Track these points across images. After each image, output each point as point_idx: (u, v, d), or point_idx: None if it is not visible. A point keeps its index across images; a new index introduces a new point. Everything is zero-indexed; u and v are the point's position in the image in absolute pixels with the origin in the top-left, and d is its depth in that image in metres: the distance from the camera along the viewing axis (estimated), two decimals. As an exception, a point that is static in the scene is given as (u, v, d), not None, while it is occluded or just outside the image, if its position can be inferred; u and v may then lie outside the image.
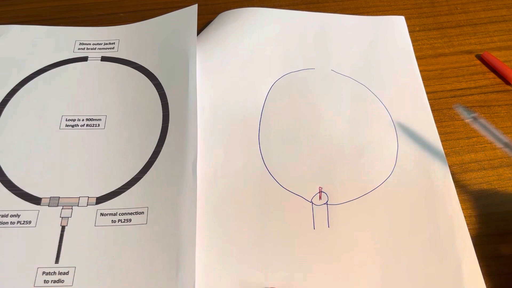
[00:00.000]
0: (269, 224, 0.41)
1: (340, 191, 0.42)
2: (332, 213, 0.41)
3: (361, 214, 0.41)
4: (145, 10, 0.56)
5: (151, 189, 0.42)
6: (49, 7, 0.57)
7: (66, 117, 0.46)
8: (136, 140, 0.45)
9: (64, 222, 0.40)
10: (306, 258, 0.39)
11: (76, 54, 0.51)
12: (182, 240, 0.38)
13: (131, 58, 0.51)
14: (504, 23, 0.55)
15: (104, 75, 0.49)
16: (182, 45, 0.50)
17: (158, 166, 0.43)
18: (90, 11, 0.56)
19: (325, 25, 0.54)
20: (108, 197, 0.42)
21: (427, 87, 0.49)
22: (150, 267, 0.38)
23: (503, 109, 0.48)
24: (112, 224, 0.40)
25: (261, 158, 0.44)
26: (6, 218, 0.40)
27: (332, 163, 0.44)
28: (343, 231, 0.40)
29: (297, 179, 0.43)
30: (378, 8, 0.57)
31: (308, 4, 0.57)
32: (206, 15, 0.55)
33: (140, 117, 0.46)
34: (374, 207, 0.41)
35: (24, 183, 0.42)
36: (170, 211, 0.40)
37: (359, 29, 0.54)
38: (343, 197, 0.42)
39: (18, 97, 0.47)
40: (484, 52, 0.51)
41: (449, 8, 0.57)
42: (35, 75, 0.49)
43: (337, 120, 0.46)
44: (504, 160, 0.45)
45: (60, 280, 0.37)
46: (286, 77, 0.49)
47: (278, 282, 0.38)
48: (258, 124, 0.46)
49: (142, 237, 0.39)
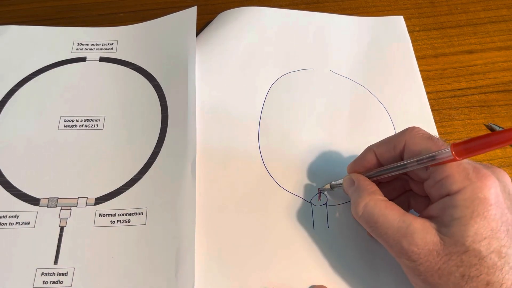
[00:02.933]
0: (269, 224, 0.40)
1: (340, 191, 0.42)
2: (331, 213, 0.41)
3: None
4: (145, 10, 0.56)
5: (150, 190, 0.42)
6: (49, 7, 0.57)
7: (64, 117, 0.46)
8: (135, 140, 0.45)
9: (63, 223, 0.40)
10: (306, 258, 0.39)
11: (75, 54, 0.51)
12: (181, 240, 0.38)
13: (129, 59, 0.51)
14: (504, 23, 0.55)
15: (102, 75, 0.49)
16: (182, 46, 0.50)
17: (157, 166, 0.43)
18: (90, 11, 0.56)
19: (324, 25, 0.54)
20: (107, 198, 0.41)
21: (427, 87, 0.49)
22: (149, 268, 0.38)
23: (503, 109, 0.48)
24: (111, 225, 0.40)
25: (261, 158, 0.44)
26: (5, 219, 0.40)
27: (331, 163, 0.44)
28: (343, 232, 0.40)
29: (296, 180, 0.43)
30: (378, 8, 0.56)
31: (308, 4, 0.57)
32: (206, 15, 0.55)
33: (139, 117, 0.46)
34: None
35: (22, 184, 0.42)
36: (169, 212, 0.40)
37: (358, 29, 0.54)
38: (343, 198, 0.42)
39: (17, 97, 0.47)
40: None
41: (449, 8, 0.57)
42: (34, 76, 0.49)
43: (336, 121, 0.46)
44: (504, 160, 0.45)
45: (59, 281, 0.37)
46: (285, 77, 0.49)
47: (278, 283, 0.38)
48: (258, 124, 0.46)
49: (141, 237, 0.39)
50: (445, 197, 0.31)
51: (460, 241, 0.30)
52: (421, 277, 0.32)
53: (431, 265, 0.31)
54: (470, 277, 0.30)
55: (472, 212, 0.30)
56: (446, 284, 0.30)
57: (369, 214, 0.34)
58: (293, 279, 0.38)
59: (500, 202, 0.30)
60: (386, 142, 0.36)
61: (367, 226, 0.34)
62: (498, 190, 0.30)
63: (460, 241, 0.30)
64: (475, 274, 0.29)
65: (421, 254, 0.31)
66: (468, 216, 0.30)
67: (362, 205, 0.34)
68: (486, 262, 0.29)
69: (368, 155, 0.38)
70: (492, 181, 0.30)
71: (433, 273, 0.31)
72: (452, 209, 0.30)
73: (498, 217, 0.30)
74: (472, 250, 0.29)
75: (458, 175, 0.31)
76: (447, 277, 0.30)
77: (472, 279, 0.30)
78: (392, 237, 0.32)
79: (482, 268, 0.29)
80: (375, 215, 0.33)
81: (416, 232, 0.31)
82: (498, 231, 0.30)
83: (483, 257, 0.29)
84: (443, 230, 0.31)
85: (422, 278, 0.31)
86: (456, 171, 0.31)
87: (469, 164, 0.31)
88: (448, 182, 0.31)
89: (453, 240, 0.30)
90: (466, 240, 0.29)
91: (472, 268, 0.29)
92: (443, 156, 0.31)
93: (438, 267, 0.30)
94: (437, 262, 0.30)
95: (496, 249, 0.29)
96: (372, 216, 0.33)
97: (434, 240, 0.31)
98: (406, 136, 0.35)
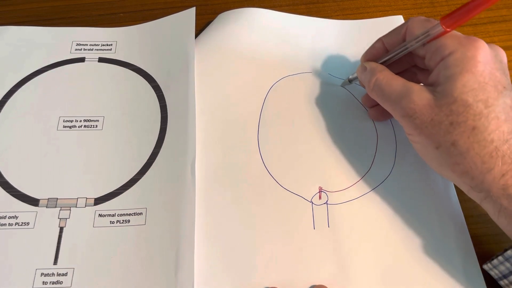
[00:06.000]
0: (269, 224, 0.41)
1: (340, 191, 0.42)
2: (332, 212, 0.41)
3: (361, 214, 0.41)
4: (145, 10, 0.56)
5: (150, 190, 0.42)
6: (48, 7, 0.56)
7: (63, 118, 0.46)
8: (134, 141, 0.45)
9: (62, 223, 0.40)
10: (306, 258, 0.39)
11: (73, 55, 0.51)
12: (181, 240, 0.38)
13: (128, 60, 0.51)
14: (504, 23, 0.55)
15: (101, 76, 0.49)
16: (181, 47, 0.50)
17: (156, 167, 0.43)
18: (90, 11, 0.56)
19: (323, 29, 0.53)
20: (106, 198, 0.41)
21: (427, 87, 0.49)
22: (149, 268, 0.38)
23: (503, 109, 0.48)
24: (111, 225, 0.40)
25: (261, 158, 0.44)
26: (4, 219, 0.40)
27: (331, 164, 0.44)
28: (343, 231, 0.40)
29: (296, 179, 0.43)
30: (378, 8, 0.56)
31: (308, 4, 0.57)
32: (206, 15, 0.55)
33: (138, 118, 0.46)
34: (373, 207, 0.41)
35: (22, 185, 0.42)
36: (169, 212, 0.40)
37: (357, 32, 0.53)
38: (343, 197, 0.42)
39: (16, 98, 0.47)
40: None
41: (449, 8, 0.56)
42: (32, 76, 0.49)
43: (335, 121, 0.46)
44: (504, 161, 0.45)
45: (58, 282, 0.37)
46: (283, 80, 0.49)
47: (279, 282, 0.38)
48: (257, 124, 0.46)
49: (141, 237, 0.39)
50: (440, 62, 0.35)
51: (449, 93, 0.34)
52: (418, 131, 0.35)
53: (425, 117, 0.35)
54: (458, 122, 0.33)
55: (462, 69, 0.33)
56: (438, 133, 0.34)
57: (378, 86, 0.39)
58: (293, 278, 0.38)
59: (488, 61, 0.34)
60: (392, 31, 0.41)
61: (377, 96, 0.39)
62: (487, 52, 0.34)
63: (449, 93, 0.34)
64: (462, 120, 0.33)
65: (417, 108, 0.35)
66: (458, 72, 0.34)
67: (373, 80, 0.39)
68: (473, 109, 0.33)
69: (377, 44, 0.42)
70: (481, 43, 0.34)
71: (427, 124, 0.35)
72: (445, 70, 0.34)
73: (487, 73, 0.33)
74: (460, 100, 0.33)
75: (450, 41, 0.35)
76: (438, 126, 0.34)
77: (459, 124, 0.33)
78: (395, 100, 0.37)
79: (469, 115, 0.33)
80: (382, 85, 0.38)
81: (414, 92, 0.36)
82: (486, 84, 0.33)
83: (469, 104, 0.33)
84: (437, 89, 0.35)
85: (418, 131, 0.35)
86: (449, 39, 0.35)
87: (460, 34, 0.36)
88: (442, 49, 0.35)
89: (443, 94, 0.34)
90: (455, 91, 0.33)
91: (460, 115, 0.33)
92: (435, 31, 0.35)
93: (431, 118, 0.34)
94: (430, 114, 0.34)
95: (483, 99, 0.33)
96: (380, 87, 0.38)
97: (428, 97, 0.35)
98: (408, 23, 0.39)
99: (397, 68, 0.42)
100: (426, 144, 0.36)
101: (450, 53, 0.34)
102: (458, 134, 0.33)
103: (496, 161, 0.32)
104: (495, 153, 0.32)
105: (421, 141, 0.36)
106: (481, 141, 0.32)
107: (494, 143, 0.32)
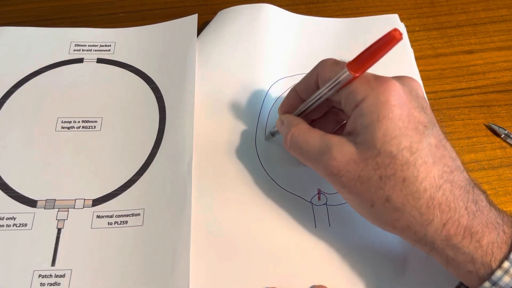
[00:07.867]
0: (268, 223, 0.40)
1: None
2: (332, 213, 0.41)
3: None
4: (145, 10, 0.56)
5: (148, 191, 0.42)
6: (48, 7, 0.56)
7: (62, 119, 0.46)
8: (133, 142, 0.45)
9: (60, 225, 0.40)
10: (306, 257, 0.39)
11: (72, 55, 0.51)
12: (178, 241, 0.38)
13: (127, 61, 0.51)
14: (504, 23, 0.55)
15: (100, 77, 0.49)
16: (181, 51, 0.50)
17: (154, 168, 0.43)
18: (90, 11, 0.56)
19: (321, 29, 0.53)
20: (104, 199, 0.41)
21: (427, 87, 0.49)
22: (146, 269, 0.38)
23: (503, 109, 0.48)
24: (109, 226, 0.40)
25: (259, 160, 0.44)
26: (1, 221, 0.40)
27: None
28: (344, 231, 0.40)
29: (296, 180, 0.43)
30: (378, 8, 0.56)
31: (308, 4, 0.57)
32: (206, 15, 0.55)
33: (137, 119, 0.46)
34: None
35: (19, 186, 0.42)
36: (166, 213, 0.40)
37: (354, 31, 0.53)
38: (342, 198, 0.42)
39: (14, 99, 0.47)
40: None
41: (449, 8, 0.56)
42: (31, 77, 0.49)
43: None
44: (504, 160, 0.45)
45: (56, 283, 0.37)
46: (281, 81, 0.49)
47: (279, 283, 0.38)
48: (256, 125, 0.46)
49: (138, 238, 0.39)
50: (355, 109, 0.33)
51: (371, 145, 0.31)
52: (347, 189, 0.33)
53: (351, 175, 0.32)
54: (387, 176, 0.31)
55: (378, 116, 0.31)
56: (368, 190, 0.32)
57: (295, 143, 0.36)
58: (293, 278, 0.38)
59: (404, 102, 0.32)
60: (303, 78, 0.39)
61: (296, 154, 0.37)
62: (400, 92, 0.32)
63: (371, 145, 0.31)
64: (391, 173, 0.31)
65: (340, 166, 0.32)
66: (374, 120, 0.31)
67: (289, 136, 0.37)
68: (399, 159, 0.31)
69: (291, 95, 0.40)
70: (392, 83, 0.32)
71: (355, 182, 0.32)
72: (361, 118, 0.32)
73: (405, 116, 0.31)
74: (383, 151, 0.31)
75: (360, 86, 0.32)
76: (368, 182, 0.32)
77: (389, 178, 0.31)
78: (315, 157, 0.34)
79: (396, 166, 0.31)
80: (299, 142, 0.36)
81: (334, 147, 0.33)
82: (406, 128, 0.31)
83: (395, 155, 0.31)
84: (357, 140, 0.32)
85: (347, 189, 0.33)
86: (359, 84, 0.33)
87: (371, 76, 0.33)
88: (353, 94, 0.33)
89: (366, 146, 0.31)
90: (377, 142, 0.31)
91: (387, 168, 0.31)
92: (344, 77, 0.33)
93: (358, 174, 0.32)
94: (356, 170, 0.32)
95: (407, 146, 0.31)
96: (297, 143, 0.36)
97: (351, 151, 0.32)
98: (318, 68, 0.36)
99: (319, 112, 0.40)
100: (359, 203, 0.33)
101: (363, 99, 0.32)
102: (390, 188, 0.31)
103: (434, 211, 0.30)
104: (431, 203, 0.30)
105: (353, 199, 0.34)
106: (414, 193, 0.30)
107: (428, 192, 0.30)
